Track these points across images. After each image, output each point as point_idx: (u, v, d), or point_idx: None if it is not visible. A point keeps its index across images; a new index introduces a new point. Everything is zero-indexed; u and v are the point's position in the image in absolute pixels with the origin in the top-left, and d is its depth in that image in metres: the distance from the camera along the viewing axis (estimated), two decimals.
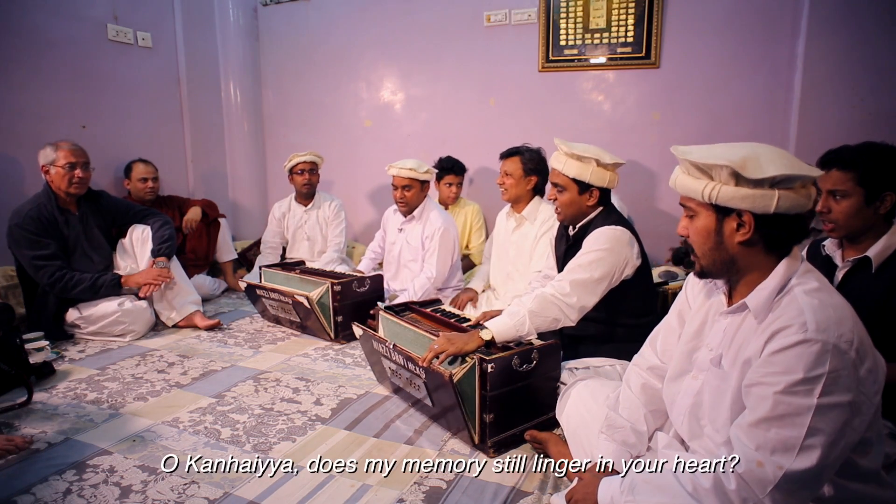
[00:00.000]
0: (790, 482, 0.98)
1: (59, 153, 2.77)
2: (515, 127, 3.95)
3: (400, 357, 1.96)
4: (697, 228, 1.16)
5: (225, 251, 3.89)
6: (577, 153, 2.00)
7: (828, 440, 0.97)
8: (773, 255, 1.12)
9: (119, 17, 3.71)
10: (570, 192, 2.06)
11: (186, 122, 4.26)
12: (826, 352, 0.97)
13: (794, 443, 0.97)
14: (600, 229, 1.99)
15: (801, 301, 1.04)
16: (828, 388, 0.96)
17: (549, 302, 1.90)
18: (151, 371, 2.49)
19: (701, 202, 1.14)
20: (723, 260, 1.15)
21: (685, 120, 3.60)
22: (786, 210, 1.06)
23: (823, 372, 0.96)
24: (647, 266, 2.10)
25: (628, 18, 3.57)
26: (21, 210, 2.75)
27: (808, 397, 0.97)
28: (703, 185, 1.11)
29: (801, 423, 0.97)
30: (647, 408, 1.42)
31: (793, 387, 0.98)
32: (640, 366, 1.48)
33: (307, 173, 3.76)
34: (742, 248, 1.13)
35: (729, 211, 1.11)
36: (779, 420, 0.99)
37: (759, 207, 1.07)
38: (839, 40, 3.13)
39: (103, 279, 2.85)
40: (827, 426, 0.97)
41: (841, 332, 0.99)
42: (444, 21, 4.02)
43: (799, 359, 0.98)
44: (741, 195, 1.07)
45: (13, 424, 2.00)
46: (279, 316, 3.11)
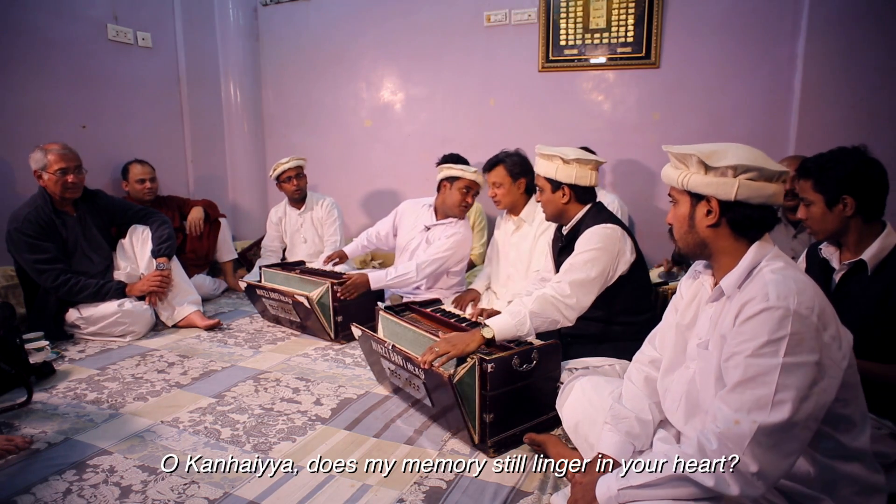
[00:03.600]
0: (765, 435, 1.03)
1: (49, 158, 2.73)
2: (515, 127, 3.96)
3: (399, 357, 1.96)
4: (677, 215, 1.30)
5: (225, 251, 3.90)
6: (545, 152, 2.07)
7: (797, 395, 1.03)
8: (742, 241, 1.22)
9: (119, 17, 3.71)
10: (546, 191, 2.14)
11: (186, 122, 4.26)
12: (787, 316, 1.05)
13: (766, 400, 1.04)
14: (591, 229, 2.01)
15: (766, 278, 1.13)
16: (792, 349, 1.04)
17: (549, 303, 1.91)
18: (151, 371, 2.49)
19: (679, 190, 1.28)
20: (695, 242, 1.28)
21: (685, 120, 3.60)
22: (746, 198, 1.17)
23: (786, 333, 1.05)
24: (641, 262, 2.11)
25: (628, 18, 3.57)
26: (19, 214, 2.73)
27: (774, 357, 1.05)
28: (679, 173, 1.25)
29: (770, 381, 1.04)
30: (651, 399, 1.44)
31: (759, 349, 1.06)
32: (642, 361, 1.51)
33: (294, 179, 3.72)
34: (710, 231, 1.24)
35: (700, 197, 1.23)
36: (751, 381, 1.06)
37: (722, 193, 1.19)
38: (839, 40, 3.13)
39: (108, 287, 2.85)
40: (795, 383, 1.04)
41: (801, 300, 1.07)
42: (444, 21, 4.03)
43: (763, 324, 1.07)
44: (706, 182, 1.20)
45: (13, 424, 2.00)
46: (279, 316, 3.11)
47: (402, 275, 2.99)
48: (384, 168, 4.44)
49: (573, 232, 2.11)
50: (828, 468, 1.14)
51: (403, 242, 3.34)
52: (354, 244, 3.53)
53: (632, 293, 2.08)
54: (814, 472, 1.14)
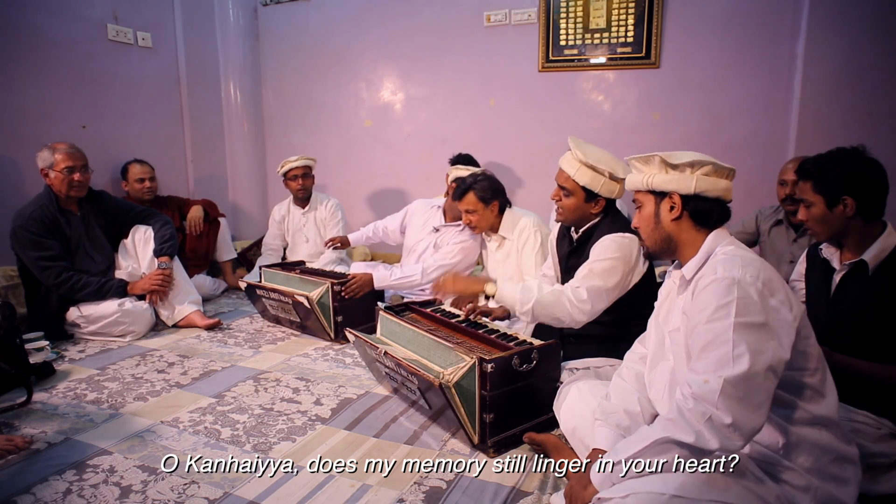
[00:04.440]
0: (731, 386, 1.11)
1: (56, 156, 2.77)
2: (515, 127, 3.96)
3: (391, 362, 1.96)
4: (643, 216, 1.42)
5: (225, 251, 3.90)
6: (593, 163, 1.96)
7: (752, 349, 1.13)
8: (702, 232, 1.35)
9: (119, 17, 3.71)
10: (577, 197, 2.03)
11: (186, 122, 4.26)
12: (732, 284, 1.18)
13: (727, 356, 1.14)
14: (610, 237, 1.97)
15: (717, 259, 1.27)
16: (740, 311, 1.15)
17: (561, 302, 1.91)
18: (151, 371, 2.49)
19: (644, 191, 1.41)
20: (661, 237, 1.40)
21: (685, 120, 3.60)
22: (703, 191, 1.31)
23: (733, 298, 1.16)
24: (651, 270, 2.10)
25: (628, 18, 3.57)
26: (24, 212, 2.76)
27: (726, 319, 1.16)
28: (643, 176, 1.39)
29: (726, 339, 1.14)
30: (640, 393, 1.48)
31: (713, 314, 1.18)
32: (632, 359, 1.57)
33: (301, 178, 3.73)
34: (674, 225, 1.37)
35: (664, 194, 1.37)
36: (711, 345, 1.16)
37: (683, 188, 1.33)
38: (839, 40, 3.13)
39: (109, 285, 2.86)
40: (748, 339, 1.14)
41: (746, 271, 1.19)
42: (444, 21, 4.03)
43: (713, 293, 1.19)
44: (668, 179, 1.35)
45: (13, 424, 2.00)
46: (279, 316, 3.11)
47: (407, 277, 2.99)
48: (384, 168, 4.44)
49: (586, 235, 2.09)
50: (795, 434, 1.24)
51: (411, 243, 3.34)
52: (360, 233, 3.54)
53: (641, 299, 2.06)
54: (783, 438, 1.24)
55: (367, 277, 2.90)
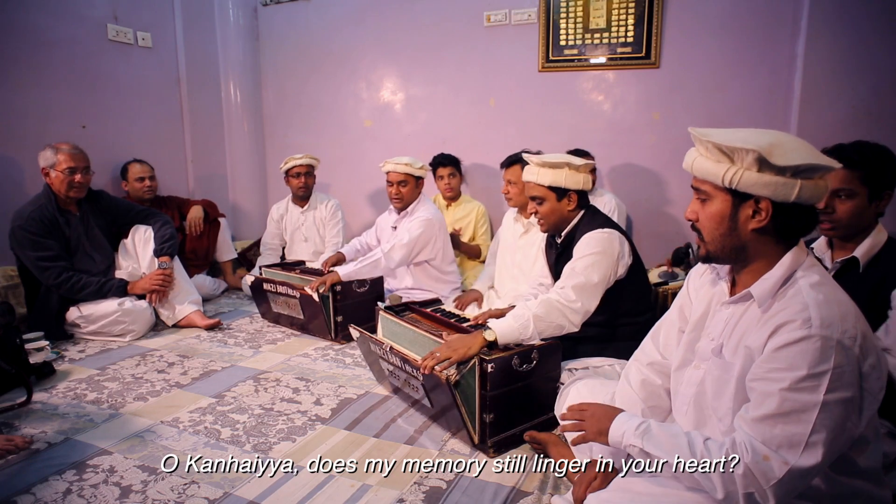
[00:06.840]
0: (793, 478, 0.98)
1: (59, 157, 2.77)
2: (515, 127, 3.96)
3: (397, 359, 1.96)
4: (710, 213, 1.15)
5: (225, 250, 3.90)
6: (549, 161, 2.04)
7: (830, 436, 0.97)
8: (781, 245, 1.12)
9: (119, 17, 3.71)
10: (550, 201, 2.09)
11: (186, 122, 4.26)
12: (830, 347, 0.97)
13: (799, 439, 0.98)
14: (589, 234, 2.00)
15: (806, 295, 1.04)
16: (833, 385, 0.97)
17: (554, 308, 1.90)
18: (151, 371, 2.49)
19: (717, 186, 1.12)
20: (733, 246, 1.14)
21: (685, 120, 3.59)
22: (804, 200, 1.06)
23: (828, 368, 0.96)
24: (639, 263, 2.11)
25: (628, 18, 3.57)
26: (23, 212, 2.76)
27: (814, 394, 0.97)
28: (725, 168, 1.08)
29: (807, 419, 0.97)
30: (645, 403, 1.41)
31: (798, 383, 0.98)
32: (641, 361, 1.47)
33: (303, 176, 3.73)
34: (755, 236, 1.12)
35: (747, 197, 1.09)
36: (784, 417, 0.99)
37: (781, 195, 1.05)
38: (839, 40, 3.13)
39: (110, 284, 2.86)
40: (830, 423, 0.97)
41: (845, 328, 0.99)
42: (444, 21, 4.02)
43: (804, 355, 0.98)
44: (764, 181, 1.05)
45: (13, 424, 2.00)
46: (280, 315, 3.11)
47: (370, 260, 2.97)
48: None
49: (568, 238, 2.11)
50: (837, 484, 1.09)
51: None
52: (350, 246, 3.57)
53: (631, 295, 2.08)
54: (825, 488, 1.10)
55: (332, 276, 2.88)
